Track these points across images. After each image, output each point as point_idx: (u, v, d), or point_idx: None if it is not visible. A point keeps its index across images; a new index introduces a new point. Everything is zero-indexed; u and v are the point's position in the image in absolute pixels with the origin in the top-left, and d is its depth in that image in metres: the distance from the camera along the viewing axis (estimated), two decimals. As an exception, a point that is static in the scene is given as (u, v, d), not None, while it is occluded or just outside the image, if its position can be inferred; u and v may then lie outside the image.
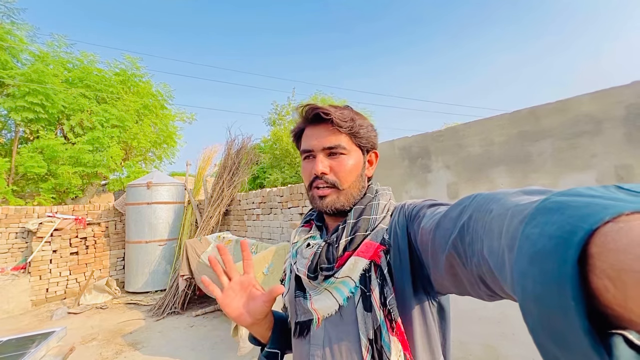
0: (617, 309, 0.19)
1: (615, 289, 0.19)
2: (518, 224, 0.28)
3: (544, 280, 0.22)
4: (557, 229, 0.23)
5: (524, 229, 0.26)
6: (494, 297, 0.41)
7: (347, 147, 0.64)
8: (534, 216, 0.26)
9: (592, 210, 0.22)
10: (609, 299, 0.19)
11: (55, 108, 6.91)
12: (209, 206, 5.09)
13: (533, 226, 0.25)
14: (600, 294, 0.20)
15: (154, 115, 8.79)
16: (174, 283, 4.34)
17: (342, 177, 0.63)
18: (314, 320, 0.62)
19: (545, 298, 0.22)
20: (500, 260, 0.30)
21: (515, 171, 1.76)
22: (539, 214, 0.26)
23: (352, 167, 0.64)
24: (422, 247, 0.54)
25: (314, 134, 0.65)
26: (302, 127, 0.68)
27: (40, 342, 1.49)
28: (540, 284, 0.22)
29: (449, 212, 0.46)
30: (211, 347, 3.18)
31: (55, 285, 5.13)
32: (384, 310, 0.54)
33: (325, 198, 0.63)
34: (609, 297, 0.19)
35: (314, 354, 0.61)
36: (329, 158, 0.63)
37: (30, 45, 7.26)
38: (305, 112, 0.65)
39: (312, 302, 0.63)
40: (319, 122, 0.64)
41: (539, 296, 0.23)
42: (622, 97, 1.42)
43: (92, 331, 3.73)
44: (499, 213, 0.33)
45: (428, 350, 0.57)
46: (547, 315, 0.22)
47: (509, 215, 0.31)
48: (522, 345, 1.74)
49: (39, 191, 6.80)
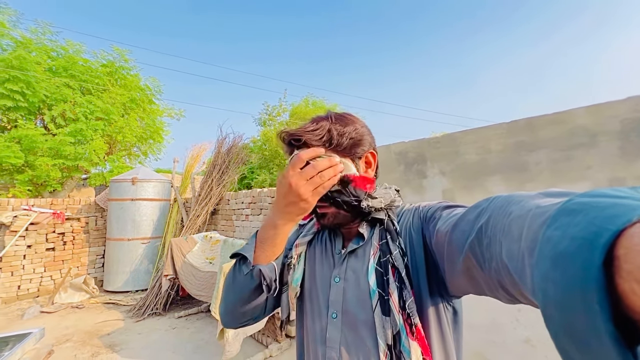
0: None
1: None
2: (539, 226, 0.26)
3: (567, 284, 0.21)
4: (581, 230, 0.21)
5: (545, 231, 0.25)
6: (513, 301, 0.40)
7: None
8: (556, 218, 0.25)
9: (618, 211, 0.21)
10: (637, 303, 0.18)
11: (36, 97, 6.60)
12: (197, 204, 4.97)
13: (555, 228, 0.24)
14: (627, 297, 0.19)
15: (141, 109, 8.54)
16: (157, 283, 4.20)
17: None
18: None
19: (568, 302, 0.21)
20: (520, 264, 0.29)
21: (511, 180, 1.78)
22: (561, 215, 0.24)
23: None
24: (437, 249, 0.53)
25: None
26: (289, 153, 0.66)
27: (15, 344, 1.38)
28: (563, 287, 0.21)
29: (466, 214, 0.46)
30: (194, 350, 3.07)
31: (28, 282, 4.87)
32: (403, 314, 0.53)
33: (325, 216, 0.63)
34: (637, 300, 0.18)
35: (330, 356, 0.58)
36: None
37: (12, 31, 6.92)
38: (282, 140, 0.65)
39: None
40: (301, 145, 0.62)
41: (561, 300, 0.21)
42: (617, 111, 1.47)
43: (66, 332, 3.54)
44: (518, 215, 0.32)
45: (444, 356, 0.56)
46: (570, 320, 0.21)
47: (530, 217, 0.29)
48: (512, 353, 1.75)
49: (14, 183, 6.47)
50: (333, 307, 0.61)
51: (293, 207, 0.57)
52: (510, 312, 1.74)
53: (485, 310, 1.84)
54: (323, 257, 0.67)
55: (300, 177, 0.55)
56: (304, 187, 0.55)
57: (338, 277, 0.62)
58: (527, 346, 1.68)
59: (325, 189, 0.56)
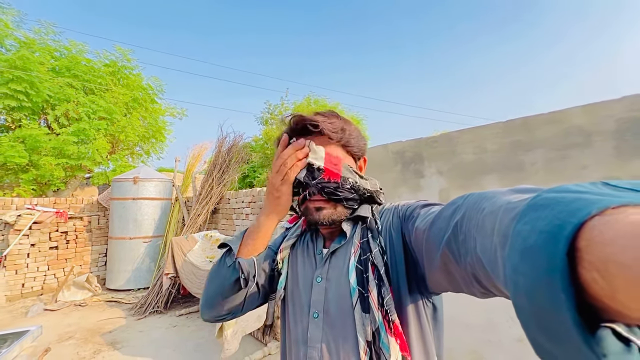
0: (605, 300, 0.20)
1: (603, 281, 0.19)
2: (510, 221, 0.28)
3: (535, 275, 0.22)
4: (547, 224, 0.23)
5: (515, 225, 0.26)
6: (488, 294, 0.42)
7: (341, 157, 0.63)
8: (525, 213, 0.26)
9: (580, 205, 0.22)
10: (598, 291, 0.20)
11: (39, 97, 6.67)
12: (197, 204, 4.99)
13: (524, 223, 0.25)
14: (589, 286, 0.20)
15: (143, 108, 8.59)
16: (158, 281, 4.23)
17: None
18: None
19: (536, 292, 0.22)
20: (493, 257, 0.30)
21: (507, 179, 1.78)
22: (530, 210, 0.26)
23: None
24: (416, 246, 0.54)
25: None
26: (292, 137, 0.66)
27: (13, 342, 1.40)
28: (532, 278, 0.22)
29: (443, 211, 0.47)
30: (194, 348, 3.10)
31: (32, 280, 4.93)
32: (382, 311, 0.54)
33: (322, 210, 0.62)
34: (598, 289, 0.19)
35: (311, 355, 0.59)
36: None
37: (15, 31, 6.99)
38: (292, 123, 0.63)
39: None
40: (308, 133, 0.62)
41: (530, 291, 0.23)
42: (613, 111, 1.46)
43: (69, 329, 3.59)
44: (491, 211, 0.33)
45: (423, 351, 0.57)
46: (538, 309, 0.22)
47: (501, 213, 0.31)
48: (507, 352, 1.76)
49: (19, 182, 6.54)
50: (315, 307, 0.61)
51: (270, 197, 0.62)
52: (506, 312, 1.74)
53: (481, 310, 1.85)
54: (305, 259, 0.68)
55: (272, 170, 0.60)
56: (275, 177, 0.59)
57: (320, 277, 0.63)
58: (522, 345, 1.68)
59: (291, 174, 0.59)
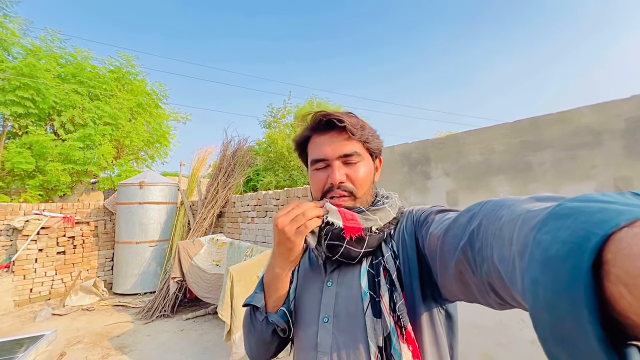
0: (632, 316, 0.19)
1: (632, 296, 0.18)
2: (529, 230, 0.27)
3: (556, 287, 0.21)
4: (571, 234, 0.22)
5: (535, 235, 0.25)
6: (504, 306, 0.40)
7: (361, 153, 0.63)
8: (546, 222, 0.25)
9: (606, 216, 0.21)
10: (625, 307, 0.19)
11: (46, 103, 6.76)
12: (203, 207, 5.02)
13: (545, 232, 0.24)
14: (615, 301, 0.19)
15: (147, 113, 8.68)
16: (165, 285, 4.25)
17: (359, 184, 0.63)
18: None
19: (557, 305, 0.21)
20: (511, 267, 0.29)
21: (515, 180, 1.77)
22: (551, 219, 0.25)
23: (367, 174, 0.64)
24: (430, 253, 0.53)
25: (325, 141, 0.63)
26: (308, 135, 0.67)
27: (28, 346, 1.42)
28: (552, 290, 0.22)
29: (458, 218, 0.46)
30: (202, 351, 3.11)
31: (40, 285, 4.97)
32: (394, 317, 0.53)
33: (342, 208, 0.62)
34: (625, 304, 0.19)
35: None
36: (345, 166, 0.62)
37: (22, 39, 7.11)
38: (315, 120, 0.63)
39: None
40: (329, 129, 0.63)
41: (550, 303, 0.22)
42: (622, 110, 1.45)
43: (77, 334, 3.61)
44: (509, 219, 0.32)
45: (437, 358, 0.56)
46: (558, 323, 0.21)
47: (520, 221, 0.30)
48: (519, 355, 1.74)
49: (26, 188, 6.61)
50: (325, 311, 0.60)
51: (282, 247, 0.57)
52: (517, 314, 1.73)
53: (492, 311, 1.82)
54: (314, 264, 0.67)
55: (286, 216, 0.56)
56: (289, 226, 0.55)
57: (331, 281, 0.63)
58: (534, 347, 1.67)
59: (308, 228, 0.56)
